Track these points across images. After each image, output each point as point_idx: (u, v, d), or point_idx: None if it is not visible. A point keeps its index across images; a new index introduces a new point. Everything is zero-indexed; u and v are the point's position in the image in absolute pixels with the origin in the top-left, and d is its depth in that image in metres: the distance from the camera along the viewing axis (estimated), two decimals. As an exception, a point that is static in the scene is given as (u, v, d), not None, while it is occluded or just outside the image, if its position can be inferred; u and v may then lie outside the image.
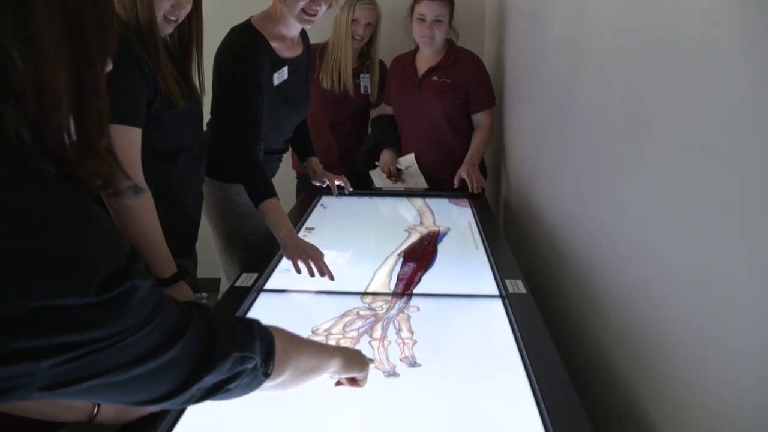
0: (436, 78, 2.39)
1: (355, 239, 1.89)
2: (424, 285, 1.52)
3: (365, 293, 1.47)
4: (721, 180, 0.83)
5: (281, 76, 1.79)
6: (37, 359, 0.46)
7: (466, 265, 1.68)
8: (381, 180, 2.55)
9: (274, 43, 1.75)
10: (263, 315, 1.35)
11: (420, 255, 1.72)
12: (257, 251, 1.77)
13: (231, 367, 0.64)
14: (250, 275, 1.52)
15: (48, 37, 0.49)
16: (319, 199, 2.27)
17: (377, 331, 1.27)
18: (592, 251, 1.41)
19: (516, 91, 2.34)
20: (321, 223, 2.00)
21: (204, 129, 1.62)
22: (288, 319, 1.37)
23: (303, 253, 1.52)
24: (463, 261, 1.71)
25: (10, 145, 0.49)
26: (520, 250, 2.05)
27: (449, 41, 2.44)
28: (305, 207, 2.15)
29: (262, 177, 1.67)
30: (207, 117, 1.73)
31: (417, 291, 1.49)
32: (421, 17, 2.32)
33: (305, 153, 2.15)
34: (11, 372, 0.46)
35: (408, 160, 2.48)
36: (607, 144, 1.29)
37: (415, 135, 2.48)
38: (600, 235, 1.36)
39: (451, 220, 2.07)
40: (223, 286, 2.00)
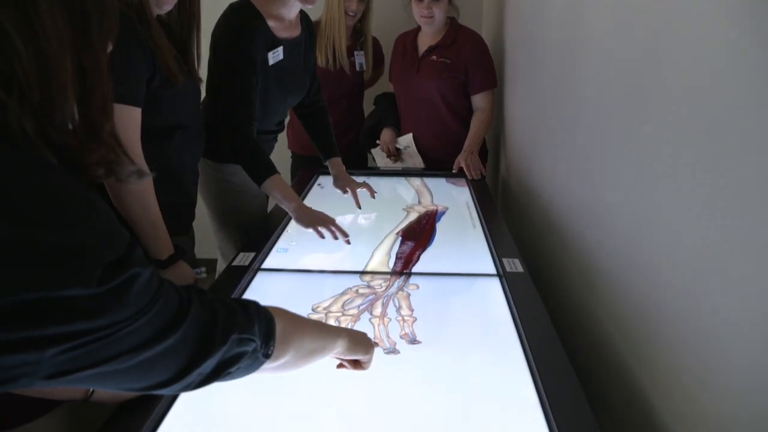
0: (435, 57, 2.36)
1: (354, 219, 1.88)
2: (422, 264, 1.52)
3: (364, 272, 1.47)
4: (721, 160, 0.82)
5: (276, 55, 1.76)
6: (41, 349, 0.46)
7: (464, 245, 1.68)
8: (382, 159, 2.54)
9: (271, 22, 1.73)
10: (261, 294, 1.36)
11: (418, 234, 1.72)
12: (253, 231, 1.77)
13: (230, 350, 0.64)
14: (247, 255, 1.51)
15: (51, 26, 0.49)
16: (317, 179, 2.26)
17: (377, 309, 1.28)
18: (589, 230, 1.41)
19: (514, 70, 2.32)
20: (319, 203, 1.98)
21: (200, 107, 1.61)
22: (286, 298, 1.38)
23: (318, 221, 1.60)
24: (461, 240, 1.71)
25: (11, 136, 0.49)
26: (517, 229, 2.05)
27: (451, 19, 2.39)
28: (302, 186, 2.14)
29: (260, 155, 1.66)
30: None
31: (415, 270, 1.49)
32: None
33: (327, 153, 2.02)
34: (15, 361, 0.46)
35: (406, 140, 2.47)
36: (607, 124, 1.28)
37: (414, 115, 2.46)
38: (597, 215, 1.36)
39: (450, 199, 2.07)
40: (220, 266, 2.00)
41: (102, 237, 0.50)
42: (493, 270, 1.48)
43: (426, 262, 1.54)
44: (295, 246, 1.65)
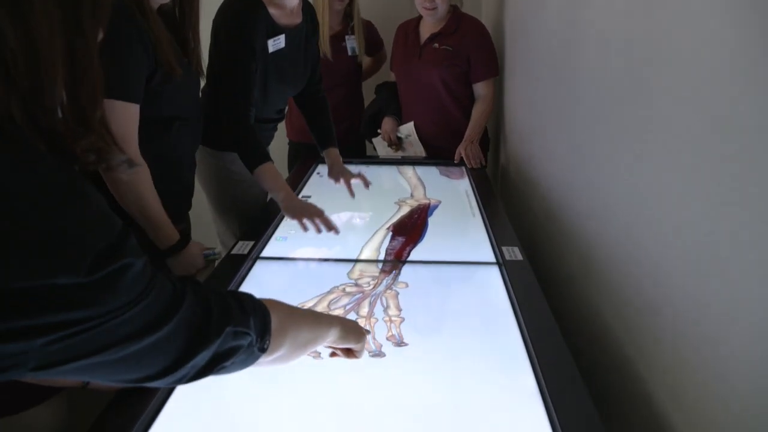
0: (437, 45, 2.35)
1: (351, 209, 1.88)
2: (420, 252, 1.52)
3: (365, 260, 1.47)
4: (722, 146, 0.82)
5: (277, 43, 1.75)
6: (30, 339, 0.45)
7: (463, 233, 1.68)
8: (383, 148, 2.53)
9: (272, 10, 1.72)
10: (260, 283, 1.36)
11: (409, 229, 1.69)
12: (253, 219, 1.77)
13: (225, 343, 0.63)
14: (246, 243, 1.51)
15: (41, 6, 0.48)
16: (315, 167, 2.26)
17: (364, 308, 1.24)
18: (589, 218, 1.40)
19: (514, 57, 2.30)
20: (317, 191, 1.99)
21: (199, 98, 1.60)
22: (285, 287, 1.37)
23: (305, 212, 1.57)
24: (460, 229, 1.71)
25: None
26: (517, 218, 2.04)
27: (454, 7, 2.38)
28: (302, 175, 2.14)
29: (255, 142, 1.66)
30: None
31: (415, 258, 1.48)
32: None
33: (325, 143, 2.00)
34: (3, 352, 0.45)
35: (407, 128, 2.45)
36: (607, 111, 1.27)
37: (415, 103, 2.45)
38: (597, 203, 1.35)
39: (448, 189, 2.06)
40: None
41: (90, 224, 0.49)
42: (493, 258, 1.48)
43: (424, 250, 1.53)
44: (294, 235, 1.64)
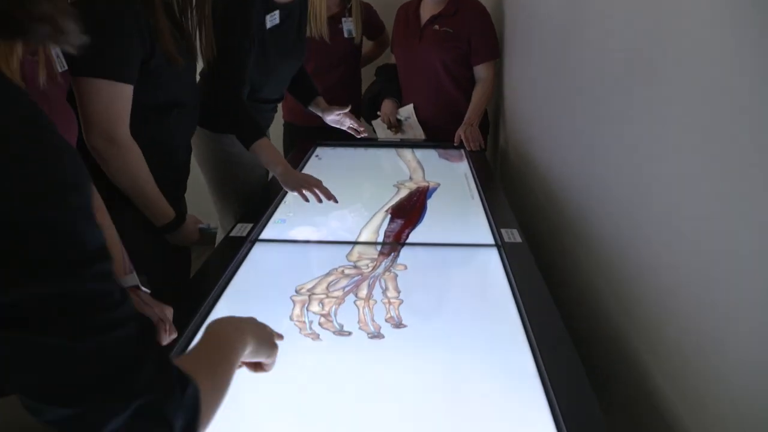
0: (437, 27, 2.32)
1: (351, 192, 1.87)
2: (419, 234, 1.52)
3: (364, 243, 1.46)
4: (720, 129, 0.81)
5: (273, 19, 1.74)
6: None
7: (462, 216, 1.67)
8: (383, 130, 2.51)
9: None
10: (258, 265, 1.36)
11: (408, 211, 1.68)
12: (252, 202, 1.76)
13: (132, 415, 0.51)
14: (244, 225, 1.51)
15: None
16: (314, 150, 2.25)
17: (363, 290, 1.23)
18: (588, 201, 1.40)
19: (514, 40, 2.28)
20: (316, 174, 1.96)
21: (197, 84, 1.59)
22: (283, 269, 1.37)
23: (305, 183, 1.58)
24: (459, 212, 1.70)
25: None
26: (516, 200, 2.04)
27: None
28: (300, 157, 2.13)
29: (251, 119, 1.66)
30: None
31: (414, 240, 1.48)
32: None
33: (310, 96, 2.09)
34: None
35: (407, 110, 2.44)
36: (606, 93, 1.26)
37: (415, 85, 2.43)
38: (596, 185, 1.34)
39: (447, 171, 2.05)
40: (219, 237, 1.99)
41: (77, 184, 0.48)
42: (492, 240, 1.48)
43: (423, 232, 1.53)
44: (293, 217, 1.64)
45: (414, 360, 1.01)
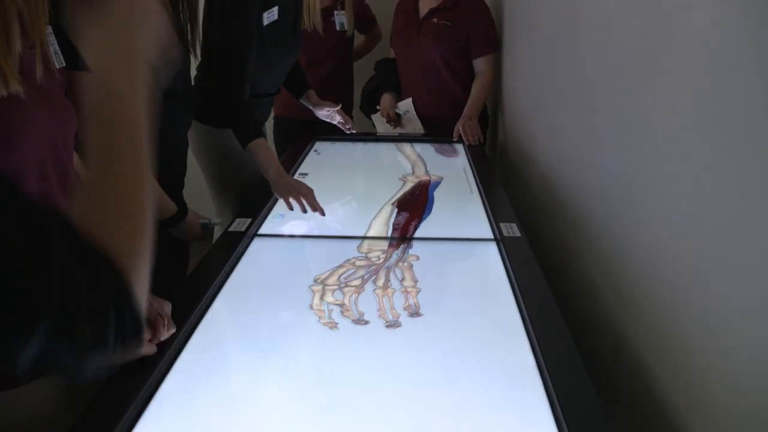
0: (436, 20, 2.32)
1: (350, 186, 1.87)
2: (419, 229, 1.51)
3: (364, 237, 1.46)
4: (718, 121, 0.81)
5: (271, 16, 1.73)
6: None
7: (461, 210, 1.67)
8: (382, 125, 2.51)
9: None
10: (256, 260, 1.36)
11: (412, 204, 1.69)
12: (251, 196, 1.76)
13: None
14: (243, 220, 1.50)
15: None
16: (313, 145, 2.24)
17: (380, 280, 1.25)
18: (586, 195, 1.40)
19: (514, 33, 2.27)
20: (315, 169, 1.98)
21: (190, 75, 1.58)
22: (282, 265, 1.37)
23: (293, 191, 1.54)
24: (458, 206, 1.70)
25: None
26: (515, 195, 2.04)
27: None
28: (299, 152, 2.12)
29: (251, 118, 1.65)
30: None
31: (415, 235, 1.47)
32: None
33: (301, 88, 2.11)
34: None
35: (406, 104, 2.43)
36: (606, 87, 1.26)
37: (414, 79, 2.43)
38: (595, 179, 1.34)
39: (446, 166, 2.05)
40: (217, 232, 1.99)
41: None
42: (491, 235, 1.48)
43: (423, 226, 1.53)
44: (292, 212, 1.63)
45: (413, 354, 1.01)
